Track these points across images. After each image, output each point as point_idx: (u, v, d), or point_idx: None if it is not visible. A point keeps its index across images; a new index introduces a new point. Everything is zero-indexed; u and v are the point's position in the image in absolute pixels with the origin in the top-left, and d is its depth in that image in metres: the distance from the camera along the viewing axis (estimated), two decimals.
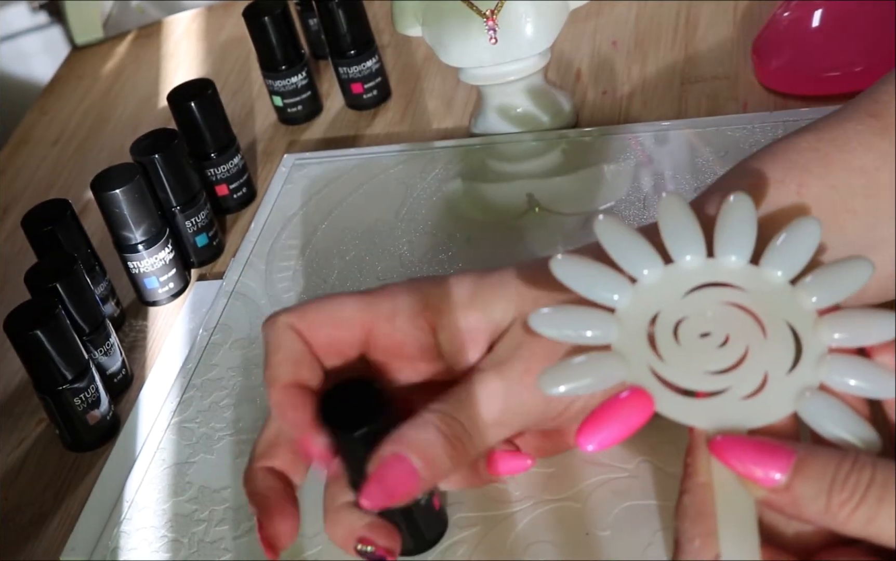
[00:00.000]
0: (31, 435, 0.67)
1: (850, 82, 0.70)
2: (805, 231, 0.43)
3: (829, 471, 0.38)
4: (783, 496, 0.39)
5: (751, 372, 0.41)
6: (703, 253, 0.44)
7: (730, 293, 0.43)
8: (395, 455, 0.44)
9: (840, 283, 0.42)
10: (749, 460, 0.39)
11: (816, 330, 0.42)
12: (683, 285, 0.43)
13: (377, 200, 0.74)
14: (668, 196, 0.45)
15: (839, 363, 0.41)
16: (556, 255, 0.44)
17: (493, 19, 0.70)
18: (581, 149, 0.73)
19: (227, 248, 0.77)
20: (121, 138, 0.91)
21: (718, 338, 0.42)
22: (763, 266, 0.43)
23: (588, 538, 0.51)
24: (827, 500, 0.38)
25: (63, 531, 0.61)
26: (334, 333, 0.49)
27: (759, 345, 0.42)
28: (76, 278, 0.65)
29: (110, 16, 1.09)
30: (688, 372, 0.41)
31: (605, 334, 0.42)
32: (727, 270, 0.43)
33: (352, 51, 0.83)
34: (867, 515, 0.37)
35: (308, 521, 0.56)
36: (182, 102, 0.76)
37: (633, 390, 0.41)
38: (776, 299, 0.42)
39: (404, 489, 0.44)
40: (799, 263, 0.43)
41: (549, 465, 0.54)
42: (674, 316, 0.43)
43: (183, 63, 1.00)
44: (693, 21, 0.82)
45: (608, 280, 0.43)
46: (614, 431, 0.41)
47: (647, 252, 0.44)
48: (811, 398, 0.40)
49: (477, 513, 0.53)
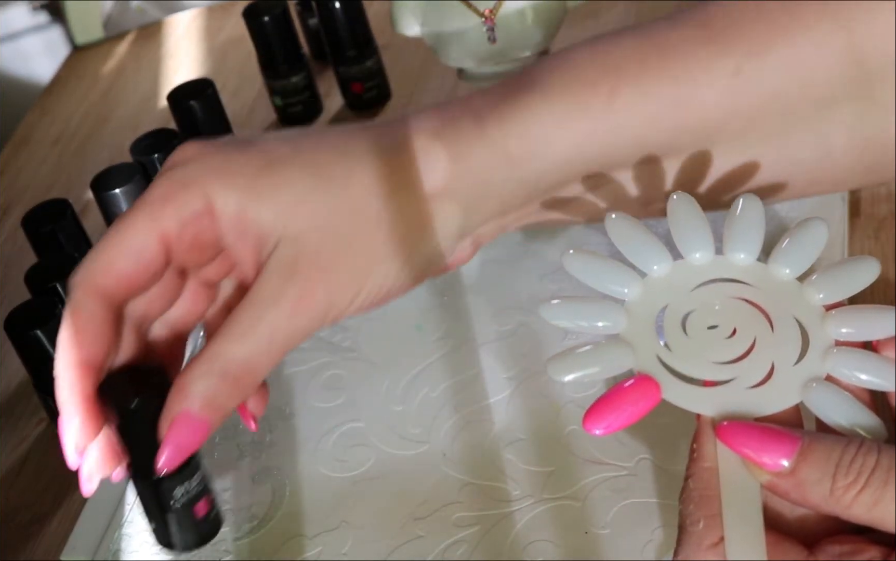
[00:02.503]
0: (31, 435, 0.68)
1: None
2: (813, 231, 0.44)
3: (835, 455, 0.38)
4: (788, 480, 0.39)
5: (757, 363, 0.42)
6: (711, 250, 0.45)
7: (738, 288, 0.44)
8: (182, 413, 0.43)
9: (847, 280, 0.43)
10: (755, 445, 0.39)
11: (823, 324, 0.42)
12: (692, 280, 0.44)
13: None
14: (678, 195, 0.46)
15: (845, 355, 0.41)
16: (568, 251, 0.44)
17: (492, 19, 0.70)
18: None
19: None
20: (121, 138, 0.91)
21: (726, 330, 0.42)
22: (771, 264, 0.44)
23: (587, 537, 0.51)
24: (831, 483, 0.38)
25: (63, 531, 0.61)
26: (133, 270, 0.45)
27: (766, 337, 0.42)
28: None
29: (110, 16, 1.09)
30: (695, 362, 0.42)
31: (616, 324, 0.43)
32: (735, 267, 0.44)
33: (352, 51, 0.83)
34: (871, 498, 0.37)
35: (308, 521, 0.56)
36: (182, 102, 0.76)
37: (641, 377, 0.41)
38: (784, 295, 0.43)
39: (194, 440, 0.44)
40: (806, 262, 0.44)
41: (548, 464, 0.55)
42: (682, 309, 0.43)
43: (183, 63, 1.00)
44: None
45: (619, 274, 0.44)
46: (621, 416, 0.41)
47: (656, 248, 0.44)
48: (817, 388, 0.41)
49: (476, 512, 0.54)
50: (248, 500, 0.58)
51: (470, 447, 0.57)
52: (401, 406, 0.60)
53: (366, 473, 0.57)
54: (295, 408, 0.62)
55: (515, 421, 0.57)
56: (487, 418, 0.58)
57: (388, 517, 0.55)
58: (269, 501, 0.58)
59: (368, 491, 0.57)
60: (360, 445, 0.59)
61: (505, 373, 0.60)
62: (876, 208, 0.63)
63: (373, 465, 0.58)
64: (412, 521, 0.54)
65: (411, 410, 0.60)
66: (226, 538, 0.56)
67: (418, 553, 0.53)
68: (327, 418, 0.61)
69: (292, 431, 0.61)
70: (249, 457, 0.60)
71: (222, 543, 0.56)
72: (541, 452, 0.56)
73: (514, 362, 0.60)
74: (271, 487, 0.58)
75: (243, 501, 0.58)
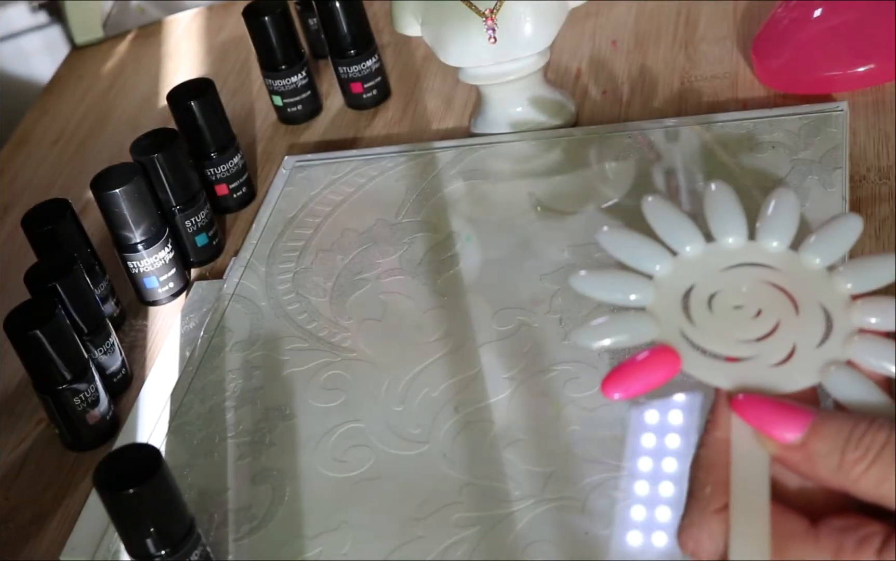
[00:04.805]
0: (31, 435, 0.67)
1: (850, 82, 0.70)
2: (847, 224, 0.45)
3: (845, 430, 0.39)
4: (798, 453, 0.39)
5: (779, 343, 0.42)
6: (744, 236, 0.45)
7: (766, 273, 0.44)
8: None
9: (876, 271, 0.43)
10: (768, 418, 0.40)
11: (849, 312, 0.43)
12: (723, 263, 0.45)
13: (377, 200, 0.74)
14: (716, 184, 0.46)
15: (867, 342, 0.42)
16: (603, 227, 0.45)
17: (493, 19, 0.70)
18: (581, 148, 0.73)
19: (226, 247, 0.77)
20: (121, 138, 0.91)
21: (751, 311, 0.43)
22: (802, 252, 0.44)
23: (588, 537, 0.51)
24: (840, 457, 0.38)
25: (63, 531, 0.61)
26: None
27: (791, 320, 0.43)
28: (76, 278, 0.65)
29: (110, 16, 1.09)
30: (717, 337, 0.42)
31: (644, 298, 0.44)
32: (766, 253, 0.45)
33: (351, 50, 0.83)
34: (880, 474, 0.38)
35: (308, 521, 0.56)
36: (182, 102, 0.76)
37: (662, 347, 0.42)
38: (812, 282, 0.44)
39: None
40: (837, 252, 0.44)
41: (548, 464, 0.55)
42: (710, 288, 0.44)
43: (183, 63, 1.00)
44: (693, 21, 0.82)
45: (651, 251, 0.45)
46: (639, 382, 0.41)
47: (691, 230, 0.45)
48: (836, 371, 0.41)
49: (476, 513, 0.53)
50: (248, 500, 0.58)
51: (470, 447, 0.57)
52: (401, 406, 0.60)
53: (366, 474, 0.57)
54: (295, 408, 0.62)
55: (515, 421, 0.57)
56: (487, 418, 0.58)
57: (388, 517, 0.55)
58: (269, 500, 0.58)
59: (368, 491, 0.57)
60: (360, 445, 0.59)
61: (505, 373, 0.60)
62: (877, 208, 0.63)
63: (373, 465, 0.58)
64: (412, 521, 0.54)
65: (411, 410, 0.60)
66: (226, 540, 0.56)
67: (418, 553, 0.53)
68: (327, 418, 0.61)
69: (292, 431, 0.61)
70: (249, 457, 0.60)
71: (222, 545, 0.56)
72: (541, 452, 0.56)
73: (514, 362, 0.60)
74: (271, 487, 0.58)
75: (243, 500, 0.58)
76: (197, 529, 0.53)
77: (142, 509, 0.50)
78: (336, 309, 0.67)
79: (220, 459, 0.60)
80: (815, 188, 0.64)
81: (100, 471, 0.50)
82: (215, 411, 0.63)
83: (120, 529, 0.52)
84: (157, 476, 0.50)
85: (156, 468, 0.50)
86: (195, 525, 0.52)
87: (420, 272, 0.68)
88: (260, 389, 0.64)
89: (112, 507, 0.51)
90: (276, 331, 0.67)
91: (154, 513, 0.51)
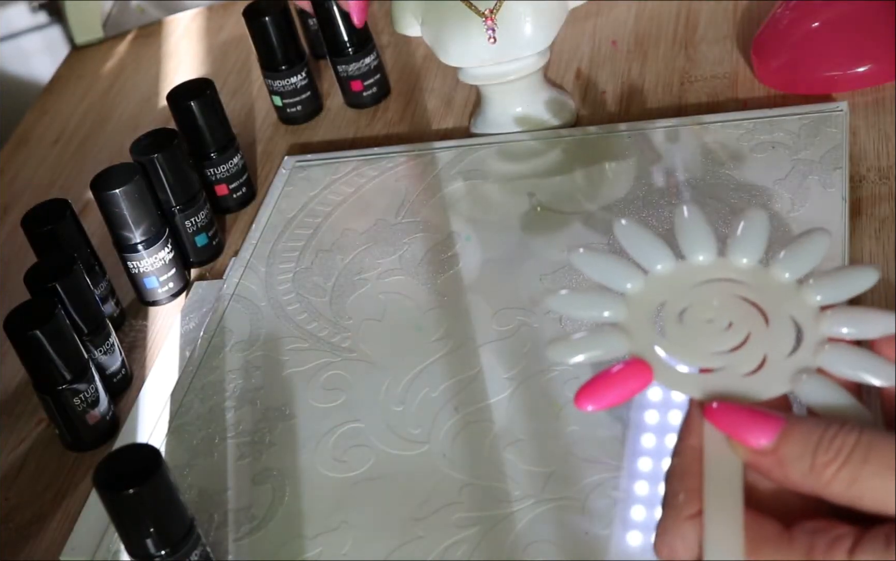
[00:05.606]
0: (31, 435, 0.67)
1: (850, 82, 0.70)
2: (815, 239, 0.45)
3: (816, 433, 0.39)
4: (770, 458, 0.40)
5: (750, 354, 0.43)
6: (714, 253, 0.46)
7: (737, 287, 0.45)
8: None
9: (845, 284, 0.44)
10: (740, 424, 0.40)
11: (818, 322, 0.43)
12: (693, 279, 0.46)
13: (377, 200, 0.74)
14: (686, 207, 0.47)
15: (836, 350, 0.42)
16: (578, 249, 0.46)
17: (492, 19, 0.70)
18: (581, 148, 0.73)
19: (226, 247, 0.77)
20: (121, 138, 0.91)
21: (722, 323, 0.44)
22: (771, 267, 0.45)
23: (588, 537, 0.51)
24: (812, 460, 0.39)
25: (63, 531, 0.61)
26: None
27: (761, 331, 0.43)
28: (76, 278, 0.65)
29: (110, 16, 1.09)
30: (689, 350, 0.43)
31: (617, 314, 0.45)
32: (736, 268, 0.45)
33: (350, 49, 0.83)
34: (850, 475, 0.38)
35: (308, 521, 0.56)
36: (182, 102, 0.76)
37: (634, 359, 0.43)
38: (781, 295, 0.44)
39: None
40: (806, 267, 0.45)
41: (548, 464, 0.55)
42: (681, 303, 0.45)
43: (183, 63, 1.00)
44: (693, 21, 0.82)
45: (623, 269, 0.46)
46: (611, 394, 0.42)
47: (662, 249, 0.46)
48: (807, 379, 0.42)
49: (477, 513, 0.53)
50: (248, 500, 0.58)
51: (470, 447, 0.57)
52: (401, 406, 0.60)
53: (366, 474, 0.57)
54: (295, 408, 0.62)
55: (515, 421, 0.57)
56: (487, 418, 0.58)
57: (388, 517, 0.55)
58: (269, 501, 0.58)
59: (368, 491, 0.57)
60: (360, 445, 0.59)
61: (505, 373, 0.60)
62: (877, 208, 0.63)
63: (373, 465, 0.58)
64: (412, 521, 0.54)
65: (411, 410, 0.60)
66: (226, 540, 0.56)
67: (418, 553, 0.53)
68: (327, 418, 0.61)
69: (292, 431, 0.61)
70: (249, 457, 0.60)
71: (222, 545, 0.56)
72: (541, 452, 0.56)
73: (514, 362, 0.60)
74: (271, 487, 0.58)
75: (243, 501, 0.58)
76: (197, 530, 0.53)
77: (142, 509, 0.50)
78: (336, 309, 0.67)
79: (220, 459, 0.60)
80: (815, 188, 0.64)
81: (100, 471, 0.50)
82: (215, 411, 0.63)
83: (120, 530, 0.51)
84: (156, 476, 0.50)
85: (156, 468, 0.50)
86: (195, 525, 0.52)
87: (420, 272, 0.68)
88: (260, 389, 0.64)
89: (112, 507, 0.51)
90: (276, 331, 0.67)
91: (154, 513, 0.51)
